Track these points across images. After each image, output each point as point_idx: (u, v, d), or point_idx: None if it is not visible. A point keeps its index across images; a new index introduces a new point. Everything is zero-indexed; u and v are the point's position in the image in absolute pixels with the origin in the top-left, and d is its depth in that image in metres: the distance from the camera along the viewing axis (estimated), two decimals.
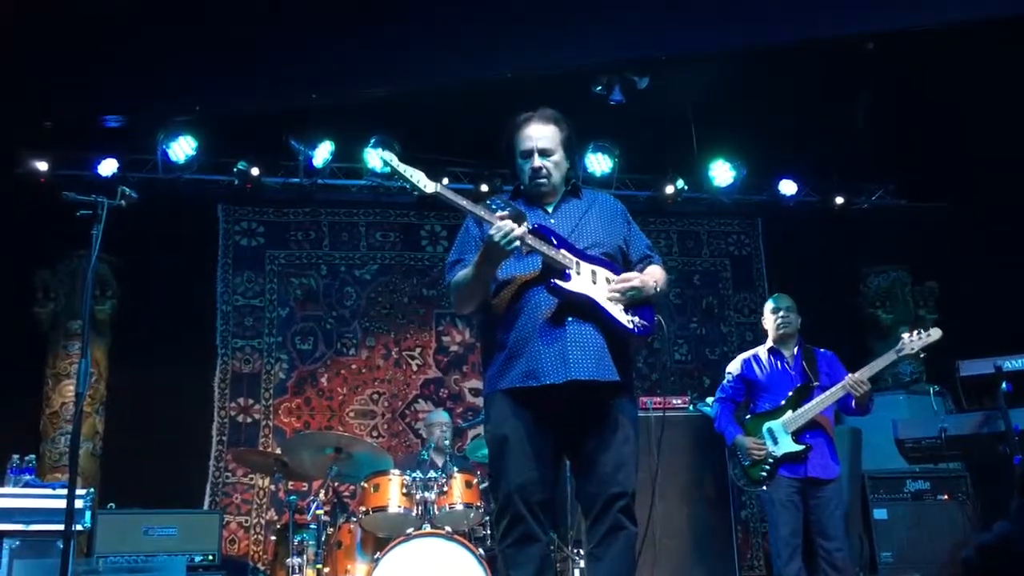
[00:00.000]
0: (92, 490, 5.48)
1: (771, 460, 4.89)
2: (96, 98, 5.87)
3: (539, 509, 3.10)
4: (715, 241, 8.39)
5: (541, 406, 3.11)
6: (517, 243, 3.01)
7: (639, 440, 3.24)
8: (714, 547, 5.78)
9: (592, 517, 3.14)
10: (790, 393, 4.98)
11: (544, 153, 3.29)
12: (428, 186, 3.09)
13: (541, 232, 3.16)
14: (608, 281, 3.19)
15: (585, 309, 3.13)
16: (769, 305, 5.25)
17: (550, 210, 3.35)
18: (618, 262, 3.33)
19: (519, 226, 3.02)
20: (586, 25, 5.54)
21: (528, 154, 3.30)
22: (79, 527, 5.16)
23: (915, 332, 4.90)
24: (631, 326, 3.16)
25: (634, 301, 3.20)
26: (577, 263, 3.16)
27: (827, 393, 4.89)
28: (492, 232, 3.02)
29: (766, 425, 4.97)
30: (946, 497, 5.66)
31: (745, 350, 5.41)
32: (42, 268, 7.01)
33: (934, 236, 7.74)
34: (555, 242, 3.16)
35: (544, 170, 3.29)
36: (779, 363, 5.13)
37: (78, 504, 4.92)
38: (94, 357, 6.84)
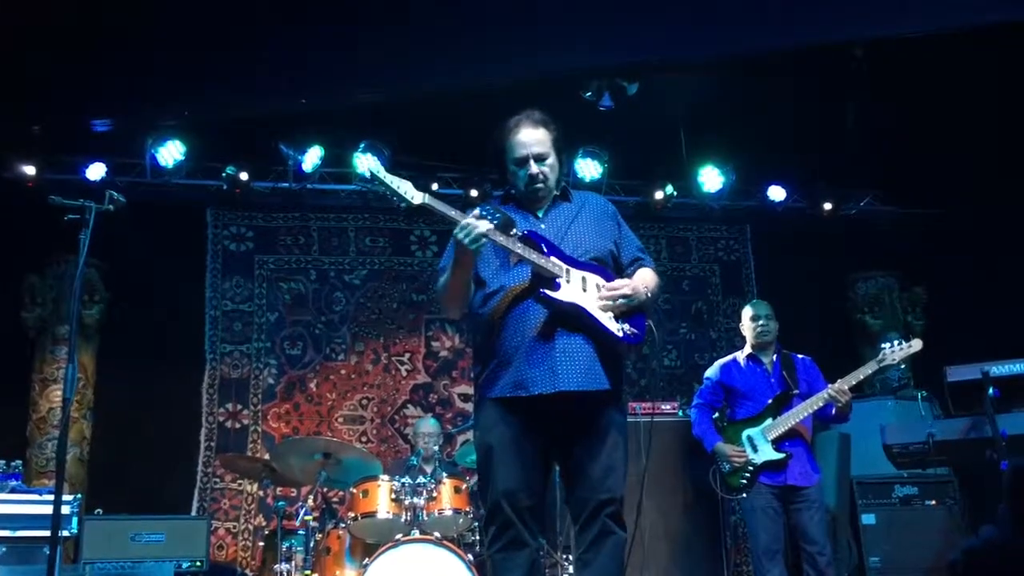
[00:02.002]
0: (79, 496, 5.46)
1: (751, 468, 4.91)
2: (84, 102, 5.84)
3: (528, 515, 3.09)
4: (704, 247, 8.42)
5: (530, 413, 3.10)
6: (483, 240, 3.01)
7: (627, 446, 3.23)
8: (703, 551, 5.79)
9: (581, 522, 3.13)
10: (769, 400, 4.99)
11: (540, 159, 3.27)
12: (415, 197, 3.07)
13: (531, 239, 3.15)
14: (599, 287, 3.17)
15: (575, 318, 3.11)
16: (748, 312, 5.26)
17: (540, 215, 3.33)
18: (609, 266, 3.31)
19: (488, 225, 3.01)
20: (576, 31, 5.54)
21: (523, 161, 3.27)
22: (66, 533, 5.15)
23: (896, 343, 4.94)
24: (621, 334, 3.15)
25: (625, 309, 3.19)
26: (567, 270, 3.14)
27: (808, 402, 4.91)
28: (456, 231, 3.03)
29: (745, 432, 4.99)
30: (934, 502, 5.69)
31: None
32: (30, 273, 6.99)
33: (922, 242, 7.78)
34: (545, 249, 3.15)
35: (541, 175, 3.27)
36: (758, 369, 5.15)
37: (65, 510, 4.93)
38: (81, 362, 6.81)
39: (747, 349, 5.22)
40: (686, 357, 8.04)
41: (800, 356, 5.23)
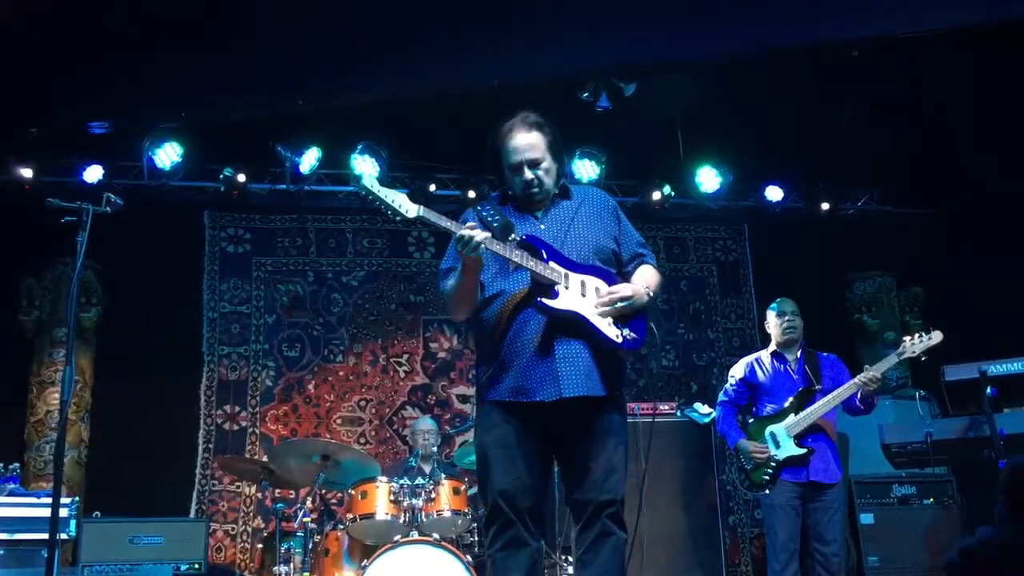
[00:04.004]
0: (77, 498, 5.46)
1: (773, 464, 4.91)
2: (81, 104, 5.84)
3: (527, 515, 3.10)
4: (702, 247, 8.42)
5: (530, 416, 3.10)
6: (482, 248, 3.00)
7: (628, 447, 3.23)
8: (702, 552, 5.79)
9: (581, 523, 3.14)
10: (792, 397, 5.00)
11: (534, 164, 3.24)
12: (410, 210, 3.04)
13: (530, 243, 3.14)
14: (598, 291, 3.16)
15: (574, 325, 3.11)
16: (774, 309, 5.27)
17: (540, 215, 3.32)
18: (610, 263, 3.30)
19: (486, 233, 3.01)
20: (573, 32, 5.55)
21: (518, 168, 3.25)
22: (64, 536, 5.13)
23: (916, 335, 4.92)
24: (620, 340, 3.13)
25: (626, 311, 3.17)
26: (566, 275, 3.13)
27: (832, 395, 4.91)
28: (454, 242, 3.04)
29: (768, 429, 4.99)
30: (932, 501, 5.69)
31: (732, 356, 5.44)
32: (27, 275, 6.98)
33: (919, 242, 7.79)
34: (544, 254, 3.13)
35: (536, 180, 3.25)
36: (782, 367, 5.16)
37: (63, 513, 4.92)
38: (79, 364, 6.80)
39: (772, 346, 5.23)
40: (684, 357, 8.04)
41: (825, 353, 5.23)
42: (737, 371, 5.30)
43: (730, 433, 5.15)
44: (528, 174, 3.24)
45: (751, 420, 5.15)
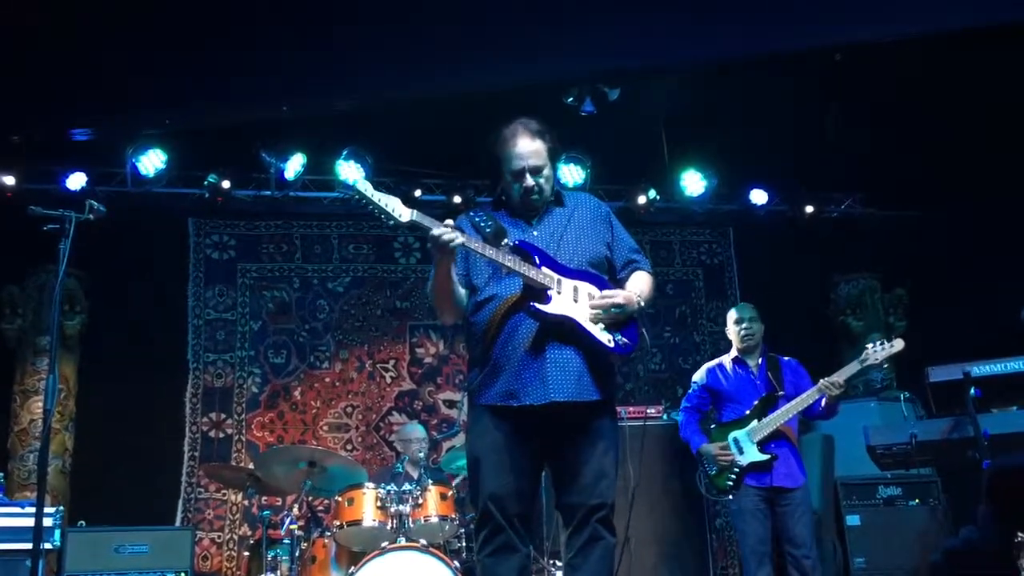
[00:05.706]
0: (61, 508, 5.42)
1: (737, 469, 4.92)
2: (64, 111, 5.81)
3: (517, 521, 3.11)
4: (687, 251, 8.45)
5: (521, 421, 3.11)
6: (452, 244, 3.01)
7: (619, 452, 3.24)
8: (689, 555, 5.80)
9: (571, 528, 3.14)
10: (755, 403, 5.01)
11: (536, 171, 3.26)
12: (403, 215, 3.04)
13: (523, 248, 3.15)
14: (591, 296, 3.18)
15: (566, 329, 3.11)
16: (732, 316, 5.28)
17: (533, 221, 3.33)
18: (603, 269, 3.33)
19: (462, 235, 3.03)
20: (557, 37, 5.56)
21: (519, 174, 3.26)
22: (48, 545, 5.11)
23: (879, 343, 4.97)
24: (611, 345, 3.15)
25: (618, 318, 3.18)
26: (558, 281, 3.14)
27: (795, 401, 4.93)
28: (430, 245, 3.05)
29: (731, 435, 5.00)
30: (917, 502, 5.72)
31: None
32: (9, 284, 6.94)
33: (903, 244, 7.83)
34: (537, 260, 3.14)
35: (537, 188, 3.27)
36: (744, 372, 5.17)
37: (47, 522, 4.89)
38: (63, 373, 6.76)
39: (733, 352, 5.24)
40: (670, 361, 8.06)
41: (786, 358, 5.25)
42: (699, 377, 5.31)
43: (693, 439, 5.15)
44: (530, 181, 3.26)
45: (714, 426, 5.15)
